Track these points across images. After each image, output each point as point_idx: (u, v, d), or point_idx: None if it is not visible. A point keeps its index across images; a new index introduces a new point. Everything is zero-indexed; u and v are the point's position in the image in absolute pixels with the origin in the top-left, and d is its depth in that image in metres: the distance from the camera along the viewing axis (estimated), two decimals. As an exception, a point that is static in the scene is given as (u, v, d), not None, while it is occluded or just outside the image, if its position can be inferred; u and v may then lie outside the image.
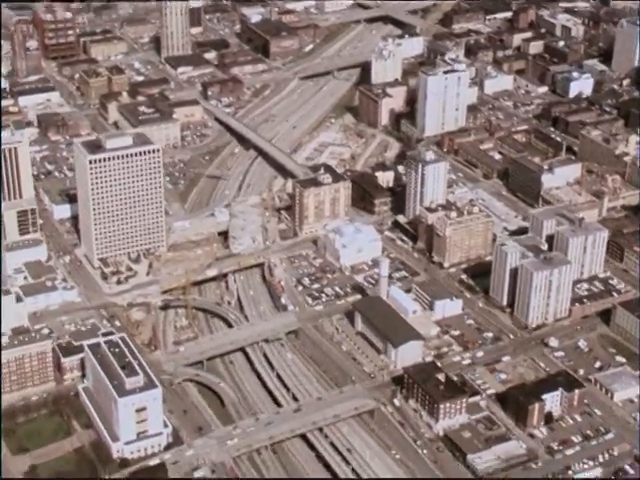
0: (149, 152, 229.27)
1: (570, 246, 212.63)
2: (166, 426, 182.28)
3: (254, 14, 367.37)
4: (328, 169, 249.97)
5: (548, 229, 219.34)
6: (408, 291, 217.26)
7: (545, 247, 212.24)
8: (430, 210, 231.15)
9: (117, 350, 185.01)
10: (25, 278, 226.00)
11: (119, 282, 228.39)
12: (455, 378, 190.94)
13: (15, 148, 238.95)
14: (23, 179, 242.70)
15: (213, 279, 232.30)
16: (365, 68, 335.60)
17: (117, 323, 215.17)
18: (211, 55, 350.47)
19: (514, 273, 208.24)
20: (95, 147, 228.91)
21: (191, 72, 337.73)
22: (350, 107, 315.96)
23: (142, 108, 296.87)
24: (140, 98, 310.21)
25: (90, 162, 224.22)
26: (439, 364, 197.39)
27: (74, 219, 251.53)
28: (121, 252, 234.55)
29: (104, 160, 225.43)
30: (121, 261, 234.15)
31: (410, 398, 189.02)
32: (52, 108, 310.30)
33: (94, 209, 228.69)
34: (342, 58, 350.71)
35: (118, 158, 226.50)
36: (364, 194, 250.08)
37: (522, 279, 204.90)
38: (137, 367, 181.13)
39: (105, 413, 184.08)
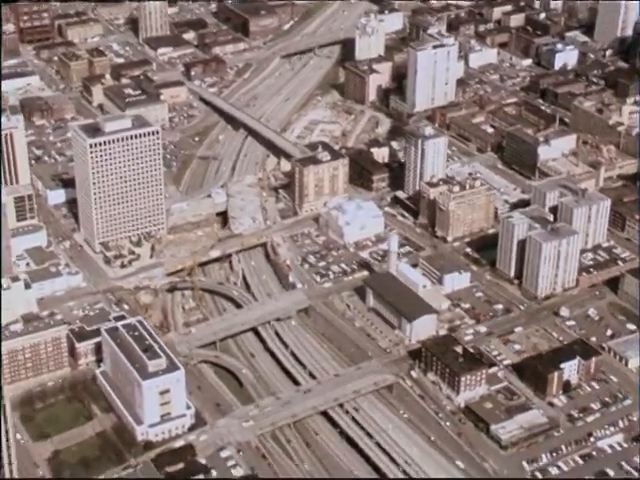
0: (148, 134, 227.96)
1: (575, 216, 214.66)
2: (189, 407, 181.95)
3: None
4: (326, 147, 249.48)
5: (551, 201, 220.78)
6: (415, 266, 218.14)
7: (551, 218, 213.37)
8: (432, 185, 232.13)
9: (136, 333, 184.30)
10: (27, 265, 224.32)
11: (123, 266, 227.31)
12: (471, 350, 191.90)
13: (11, 133, 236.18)
14: (19, 165, 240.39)
15: (217, 260, 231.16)
16: (346, 45, 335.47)
17: (125, 307, 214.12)
18: (190, 35, 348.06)
19: (521, 245, 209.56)
20: (94, 131, 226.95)
21: (171, 53, 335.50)
22: (335, 84, 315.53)
23: (128, 90, 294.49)
24: (124, 80, 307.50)
25: (91, 146, 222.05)
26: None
27: (69, 204, 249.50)
28: (122, 236, 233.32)
29: (104, 144, 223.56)
30: (123, 245, 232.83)
31: (429, 371, 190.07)
32: (33, 92, 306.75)
33: (95, 193, 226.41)
34: (322, 35, 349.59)
35: (118, 141, 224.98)
36: (361, 171, 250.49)
37: (530, 250, 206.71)
38: (158, 350, 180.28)
39: (126, 396, 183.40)
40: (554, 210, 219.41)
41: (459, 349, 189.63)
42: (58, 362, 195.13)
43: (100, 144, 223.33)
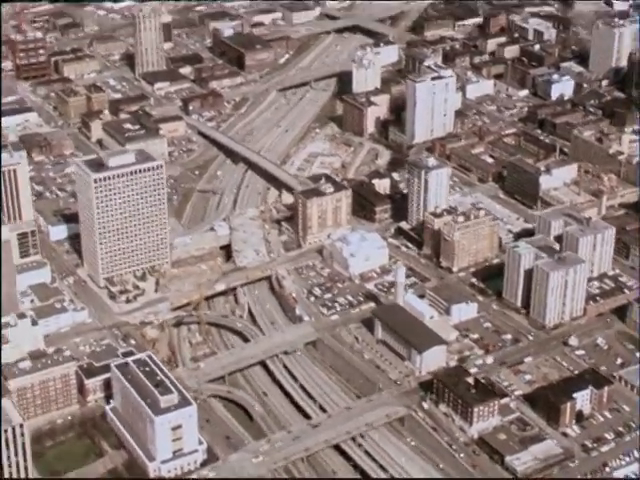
0: (152, 168, 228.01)
1: (580, 245, 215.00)
2: (200, 443, 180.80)
3: (226, 28, 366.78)
4: (328, 179, 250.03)
5: (556, 230, 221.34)
6: (421, 297, 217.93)
7: (557, 247, 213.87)
8: (436, 215, 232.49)
9: (147, 369, 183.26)
10: (32, 301, 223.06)
11: (128, 301, 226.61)
12: (482, 381, 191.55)
13: (14, 169, 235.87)
14: (22, 201, 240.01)
15: (222, 293, 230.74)
16: (342, 78, 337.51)
17: (132, 342, 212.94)
18: (186, 70, 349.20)
19: (528, 274, 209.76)
20: (98, 166, 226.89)
21: (168, 87, 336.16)
22: (333, 117, 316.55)
23: (127, 125, 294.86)
24: (123, 115, 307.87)
25: (95, 181, 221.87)
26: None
27: (71, 239, 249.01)
28: (126, 270, 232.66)
29: (108, 178, 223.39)
30: (127, 279, 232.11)
31: (440, 403, 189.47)
32: (31, 129, 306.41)
33: (99, 228, 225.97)
34: (317, 69, 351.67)
35: (122, 176, 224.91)
36: (364, 202, 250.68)
37: (538, 280, 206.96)
38: (170, 385, 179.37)
39: (137, 433, 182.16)
40: (559, 239, 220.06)
41: (471, 380, 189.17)
42: (67, 399, 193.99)
43: (104, 179, 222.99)
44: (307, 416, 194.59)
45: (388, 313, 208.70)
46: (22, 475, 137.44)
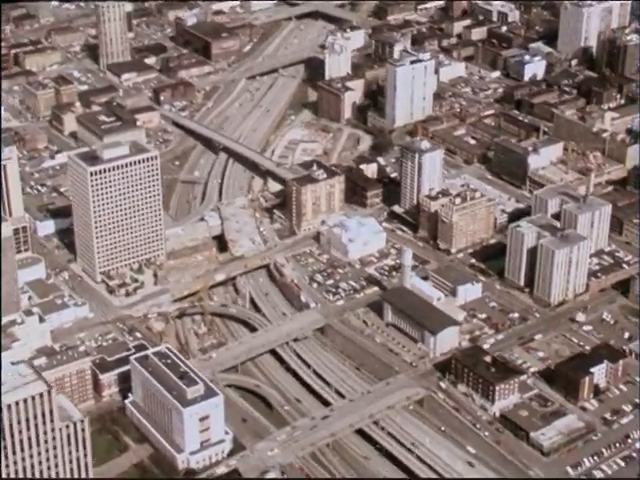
0: (147, 160, 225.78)
1: (579, 222, 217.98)
2: (227, 433, 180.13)
3: (189, 17, 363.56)
4: (320, 165, 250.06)
5: (552, 208, 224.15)
6: (424, 279, 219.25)
7: (558, 225, 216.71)
8: (431, 198, 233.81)
9: (168, 361, 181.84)
10: (30, 298, 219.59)
11: (128, 294, 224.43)
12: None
13: (4, 165, 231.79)
14: (13, 197, 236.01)
15: (221, 284, 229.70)
16: (310, 64, 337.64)
17: (138, 335, 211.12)
18: (151, 60, 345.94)
19: (531, 253, 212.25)
20: (92, 159, 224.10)
21: (136, 78, 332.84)
22: (305, 103, 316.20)
23: (101, 117, 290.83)
24: (95, 108, 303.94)
25: (91, 174, 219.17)
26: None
27: (59, 234, 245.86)
28: (123, 264, 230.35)
29: (104, 171, 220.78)
30: (123, 273, 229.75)
31: (459, 383, 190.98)
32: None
33: (95, 222, 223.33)
34: (284, 56, 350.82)
35: (118, 168, 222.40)
36: (354, 187, 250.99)
37: (542, 258, 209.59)
38: (194, 376, 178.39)
39: (162, 425, 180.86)
40: (556, 217, 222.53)
41: (488, 359, 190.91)
42: (82, 395, 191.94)
43: (100, 172, 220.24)
44: (325, 402, 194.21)
45: (397, 296, 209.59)
46: (82, 471, 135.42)
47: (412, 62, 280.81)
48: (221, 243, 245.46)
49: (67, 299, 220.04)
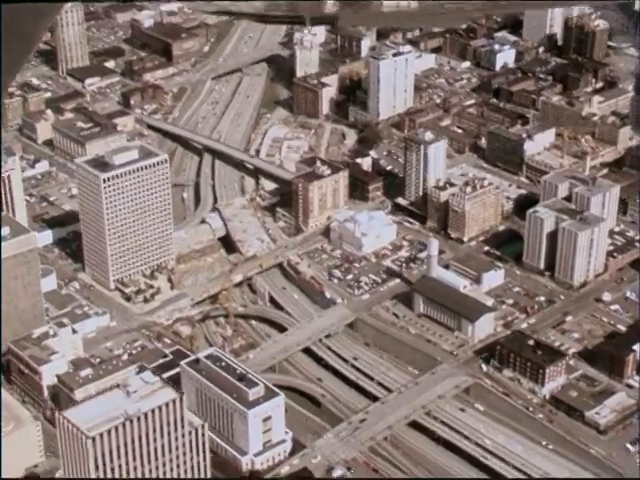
0: (158, 164, 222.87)
1: (592, 205, 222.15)
2: (287, 432, 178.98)
3: (145, 18, 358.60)
4: (323, 162, 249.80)
5: (562, 192, 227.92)
6: (445, 268, 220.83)
7: (574, 208, 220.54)
8: (440, 188, 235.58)
9: (223, 364, 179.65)
10: (47, 309, 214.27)
11: (146, 301, 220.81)
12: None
13: (9, 176, 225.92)
14: (17, 208, 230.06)
15: (238, 284, 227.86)
16: (272, 61, 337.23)
17: (167, 341, 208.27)
18: (110, 64, 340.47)
19: (551, 237, 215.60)
20: (102, 165, 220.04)
21: (99, 83, 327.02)
22: (278, 101, 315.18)
23: (78, 124, 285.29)
24: (68, 115, 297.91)
25: (104, 181, 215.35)
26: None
27: (59, 244, 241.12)
28: (135, 270, 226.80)
29: (117, 177, 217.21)
30: (137, 280, 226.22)
31: (505, 368, 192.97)
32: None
33: (109, 229, 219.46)
34: (245, 54, 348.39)
35: (130, 173, 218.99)
36: (355, 182, 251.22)
37: (564, 241, 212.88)
38: (253, 377, 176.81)
39: (220, 429, 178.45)
40: (566, 201, 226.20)
41: (532, 343, 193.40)
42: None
43: (112, 178, 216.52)
44: (370, 396, 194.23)
45: (426, 287, 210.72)
46: (202, 476, 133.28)
47: (394, 55, 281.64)
48: (226, 244, 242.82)
49: (87, 309, 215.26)
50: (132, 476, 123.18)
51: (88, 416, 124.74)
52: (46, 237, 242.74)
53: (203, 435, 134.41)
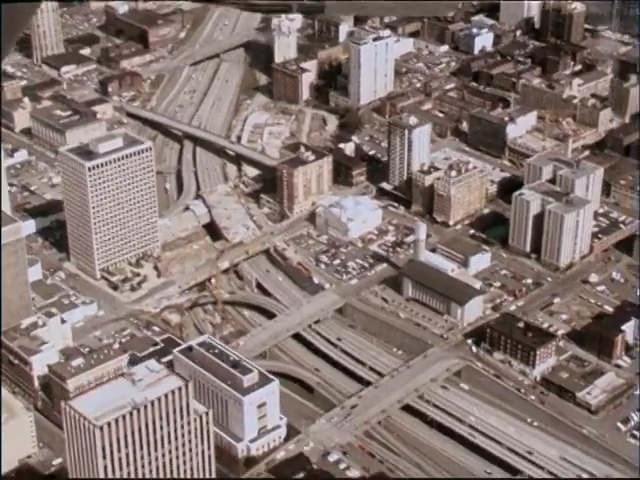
0: (142, 151, 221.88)
1: (576, 187, 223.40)
2: (281, 418, 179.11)
3: (120, 5, 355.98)
4: (307, 147, 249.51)
5: (546, 174, 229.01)
6: (432, 251, 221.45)
7: (559, 190, 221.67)
8: (425, 172, 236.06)
9: (216, 351, 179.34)
10: (33, 299, 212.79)
11: (133, 289, 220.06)
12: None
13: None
14: (2, 197, 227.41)
15: (224, 271, 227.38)
16: (249, 47, 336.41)
17: (156, 329, 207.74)
18: (86, 51, 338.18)
19: (537, 219, 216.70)
20: (87, 153, 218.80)
21: (75, 70, 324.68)
22: (257, 87, 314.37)
23: (57, 112, 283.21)
24: (45, 103, 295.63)
25: (89, 169, 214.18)
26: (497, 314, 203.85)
27: (42, 234, 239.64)
28: (121, 259, 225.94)
29: (102, 165, 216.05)
30: (122, 268, 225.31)
31: (495, 351, 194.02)
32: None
33: (94, 218, 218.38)
34: (221, 40, 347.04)
35: (115, 161, 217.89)
36: (338, 167, 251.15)
37: (550, 223, 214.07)
38: (247, 364, 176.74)
39: (214, 416, 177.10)
40: (550, 183, 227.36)
41: (521, 325, 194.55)
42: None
43: (98, 166, 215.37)
44: (361, 380, 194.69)
45: (415, 270, 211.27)
46: (206, 464, 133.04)
47: (374, 40, 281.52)
48: (211, 231, 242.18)
49: (74, 298, 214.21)
50: (139, 465, 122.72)
51: (95, 405, 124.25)
52: (29, 227, 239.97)
53: (207, 423, 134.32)
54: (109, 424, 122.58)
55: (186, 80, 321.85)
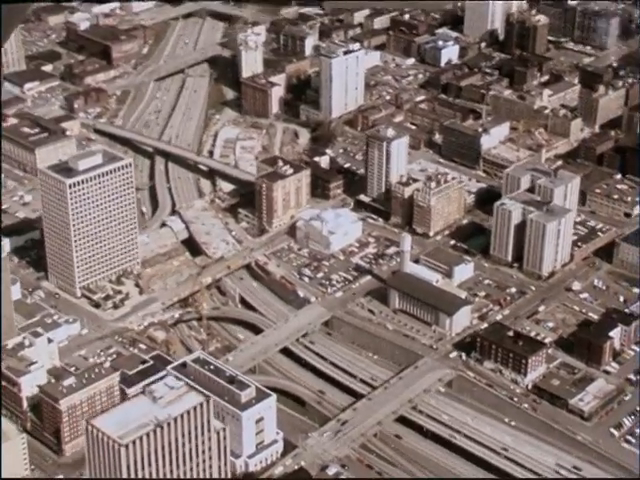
0: (122, 168, 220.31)
1: (555, 196, 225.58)
2: (277, 433, 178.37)
3: (81, 21, 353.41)
4: (284, 161, 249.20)
5: (524, 184, 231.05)
6: (415, 262, 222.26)
7: (539, 200, 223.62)
8: (403, 184, 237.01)
9: (211, 367, 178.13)
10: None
11: (116, 307, 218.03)
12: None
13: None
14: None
15: (208, 286, 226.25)
16: (214, 62, 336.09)
17: (142, 346, 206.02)
18: (48, 68, 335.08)
19: (518, 229, 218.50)
20: (67, 170, 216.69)
21: (39, 87, 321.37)
22: (225, 102, 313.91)
23: (24, 129, 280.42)
24: (11, 120, 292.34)
25: (70, 186, 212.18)
26: (485, 324, 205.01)
27: (17, 253, 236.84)
28: (101, 277, 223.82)
29: (83, 182, 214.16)
30: (103, 286, 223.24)
31: (486, 360, 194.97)
32: None
33: (75, 236, 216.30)
34: (185, 55, 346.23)
35: (95, 178, 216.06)
36: (315, 180, 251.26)
37: (532, 232, 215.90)
38: (243, 379, 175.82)
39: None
40: (529, 192, 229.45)
41: (511, 334, 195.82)
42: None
43: (78, 183, 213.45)
44: (353, 393, 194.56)
45: (401, 282, 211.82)
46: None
47: (345, 53, 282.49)
48: (190, 247, 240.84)
49: (56, 317, 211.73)
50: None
51: (117, 424, 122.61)
52: (3, 246, 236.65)
53: (225, 439, 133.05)
54: (134, 442, 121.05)
55: (152, 96, 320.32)
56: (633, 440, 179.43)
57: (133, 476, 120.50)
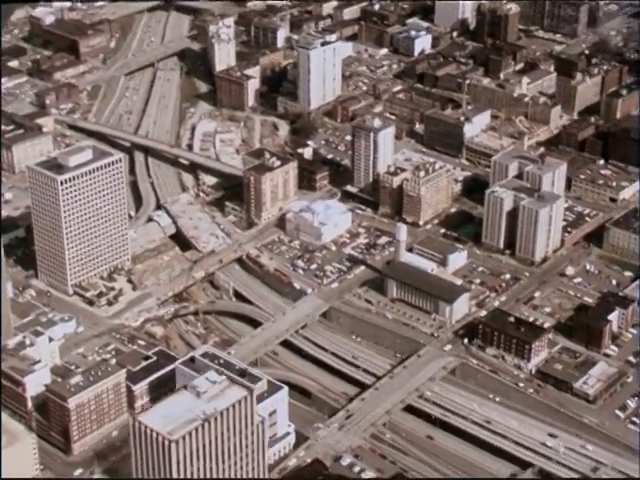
0: (113, 163, 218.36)
1: (543, 182, 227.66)
2: (289, 425, 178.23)
3: (46, 15, 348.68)
4: (271, 154, 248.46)
5: (512, 171, 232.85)
6: (410, 251, 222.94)
7: (529, 187, 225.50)
8: (392, 174, 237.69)
9: (221, 361, 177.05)
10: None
11: (110, 303, 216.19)
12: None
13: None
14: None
15: (201, 280, 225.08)
16: (184, 55, 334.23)
17: (141, 342, 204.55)
18: (14, 63, 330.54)
19: (510, 216, 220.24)
20: (57, 167, 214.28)
21: (7, 83, 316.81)
22: (199, 95, 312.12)
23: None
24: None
25: (61, 183, 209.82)
26: (483, 312, 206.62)
27: (4, 251, 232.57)
28: (93, 273, 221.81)
29: (74, 179, 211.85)
30: (95, 283, 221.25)
31: (488, 346, 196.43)
32: None
33: (67, 233, 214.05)
34: (154, 49, 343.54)
35: (86, 174, 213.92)
36: (301, 172, 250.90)
37: (525, 219, 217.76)
38: (254, 372, 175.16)
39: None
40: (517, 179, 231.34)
41: (512, 320, 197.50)
42: (118, 409, 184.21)
43: (70, 180, 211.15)
44: (357, 383, 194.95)
45: (398, 271, 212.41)
46: (261, 473, 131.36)
47: (322, 44, 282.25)
48: (179, 242, 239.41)
49: (52, 316, 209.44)
50: (208, 477, 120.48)
51: (163, 420, 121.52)
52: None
53: (264, 432, 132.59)
54: (184, 438, 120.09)
55: (123, 90, 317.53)
56: (638, 421, 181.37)
57: (182, 471, 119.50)
